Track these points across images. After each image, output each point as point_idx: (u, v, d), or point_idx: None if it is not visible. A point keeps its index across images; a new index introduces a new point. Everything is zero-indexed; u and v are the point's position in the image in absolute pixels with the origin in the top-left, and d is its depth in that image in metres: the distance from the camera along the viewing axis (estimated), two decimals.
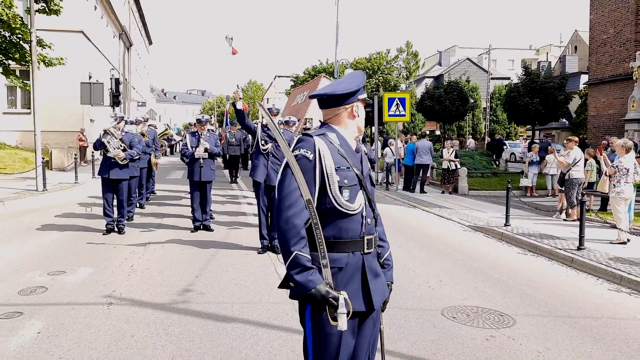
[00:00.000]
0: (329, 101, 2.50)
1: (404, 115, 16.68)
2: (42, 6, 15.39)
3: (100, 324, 4.72)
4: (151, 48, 58.10)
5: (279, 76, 77.75)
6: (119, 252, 7.46)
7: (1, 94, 22.55)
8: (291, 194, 2.27)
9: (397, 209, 12.97)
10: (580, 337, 4.71)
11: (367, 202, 2.47)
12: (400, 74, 69.58)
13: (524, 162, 17.71)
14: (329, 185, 2.34)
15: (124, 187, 8.83)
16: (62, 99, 21.78)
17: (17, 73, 20.03)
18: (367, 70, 67.98)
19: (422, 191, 16.02)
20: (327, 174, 2.34)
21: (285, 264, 2.25)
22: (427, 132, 38.08)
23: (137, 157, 8.95)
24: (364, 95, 2.54)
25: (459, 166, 16.41)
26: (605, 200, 12.13)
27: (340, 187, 2.36)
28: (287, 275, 2.32)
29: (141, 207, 11.40)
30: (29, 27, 14.00)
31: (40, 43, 15.56)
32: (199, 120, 8.93)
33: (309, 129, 13.75)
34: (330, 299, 2.19)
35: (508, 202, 10.00)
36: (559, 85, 21.98)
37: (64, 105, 21.92)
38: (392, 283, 2.65)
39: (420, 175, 16.32)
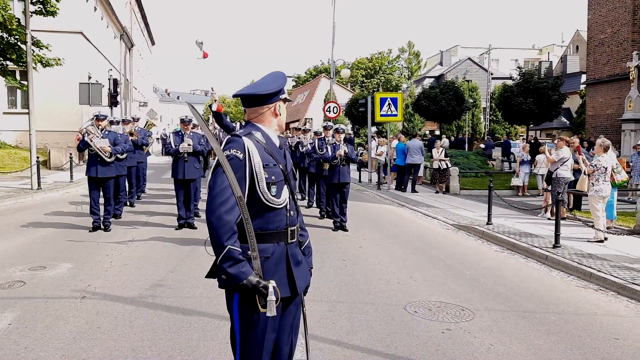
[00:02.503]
0: (253, 100, 2.63)
1: (396, 115, 16.82)
2: (38, 8, 15.65)
3: (70, 317, 4.88)
4: (154, 48, 58.40)
5: None
6: (101, 249, 7.63)
7: (2, 94, 22.82)
8: (223, 191, 2.39)
9: (384, 208, 13.10)
10: (536, 330, 4.83)
11: (290, 196, 2.62)
12: (401, 74, 69.70)
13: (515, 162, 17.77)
14: (258, 182, 2.49)
15: (110, 185, 9.02)
16: (61, 99, 22.03)
17: (18, 74, 20.30)
18: (368, 70, 68.13)
19: (413, 190, 16.13)
20: (255, 172, 2.48)
21: (217, 258, 2.38)
22: (427, 132, 38.16)
23: (122, 154, 9.14)
24: (284, 95, 2.68)
25: (449, 165, 16.52)
26: (577, 198, 12.22)
27: (268, 184, 2.51)
28: (216, 267, 2.47)
29: (131, 205, 11.58)
30: (27, 28, 14.24)
31: (37, 44, 15.81)
32: (182, 120, 9.10)
33: (309, 130, 13.91)
34: (261, 288, 2.34)
35: (490, 201, 10.12)
36: (553, 85, 22.04)
37: (63, 105, 22.13)
38: (311, 268, 2.83)
39: (412, 174, 16.44)
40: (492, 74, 43.89)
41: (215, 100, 7.01)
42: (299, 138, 12.90)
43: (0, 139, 22.66)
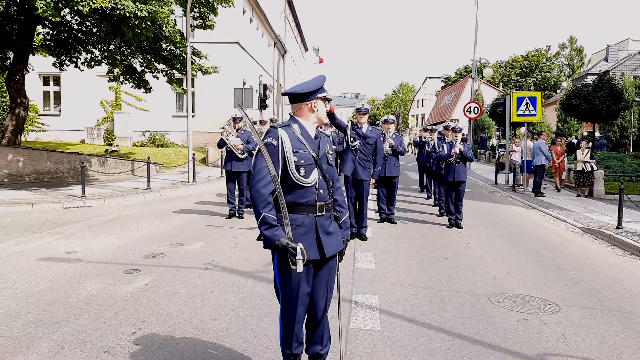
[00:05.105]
0: (294, 98, 3.21)
1: (534, 115, 16.18)
2: (199, 22, 17.78)
3: (192, 282, 5.86)
4: (307, 54, 61.52)
5: (429, 77, 77.22)
6: (231, 232, 8.73)
7: (171, 100, 26.10)
8: (261, 171, 3.03)
9: (511, 209, 12.77)
10: (620, 329, 4.71)
11: (321, 177, 3.14)
12: (561, 72, 64.97)
13: None
14: (288, 164, 3.06)
15: (243, 178, 10.16)
16: (219, 103, 24.59)
17: (184, 82, 23.08)
18: (523, 69, 64.59)
19: (539, 193, 15.29)
20: (286, 156, 3.06)
21: (257, 223, 3.01)
22: (584, 134, 35.25)
23: (255, 151, 10.24)
24: (323, 94, 3.20)
25: (595, 168, 15.45)
26: None
27: (297, 166, 3.07)
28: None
29: None
30: (187, 40, 16.34)
31: (197, 54, 17.97)
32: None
33: (435, 129, 14.14)
34: (290, 249, 2.92)
35: (620, 204, 9.50)
36: None
37: (221, 108, 24.64)
38: (347, 240, 3.34)
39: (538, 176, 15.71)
40: None
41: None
42: (424, 138, 13.13)
43: (169, 139, 25.94)
